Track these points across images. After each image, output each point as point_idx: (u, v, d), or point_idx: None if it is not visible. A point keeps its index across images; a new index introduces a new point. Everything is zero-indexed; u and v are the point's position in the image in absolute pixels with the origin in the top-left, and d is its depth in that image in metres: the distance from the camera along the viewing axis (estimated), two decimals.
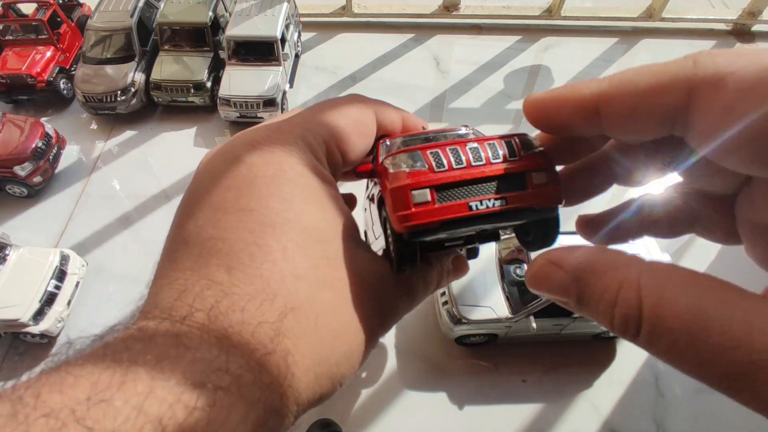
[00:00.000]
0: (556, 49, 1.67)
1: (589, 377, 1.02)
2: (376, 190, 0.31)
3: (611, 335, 1.04)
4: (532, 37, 1.69)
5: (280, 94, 1.40)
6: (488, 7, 1.71)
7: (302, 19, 1.64)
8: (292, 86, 1.51)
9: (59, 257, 1.09)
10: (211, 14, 1.46)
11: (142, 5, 1.48)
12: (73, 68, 1.53)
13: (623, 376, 1.02)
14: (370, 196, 0.35)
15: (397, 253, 0.27)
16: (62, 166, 1.36)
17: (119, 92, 1.40)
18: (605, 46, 1.66)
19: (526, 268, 0.98)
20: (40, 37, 1.49)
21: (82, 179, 1.35)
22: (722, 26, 1.69)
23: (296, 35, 1.58)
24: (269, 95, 1.38)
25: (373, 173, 0.31)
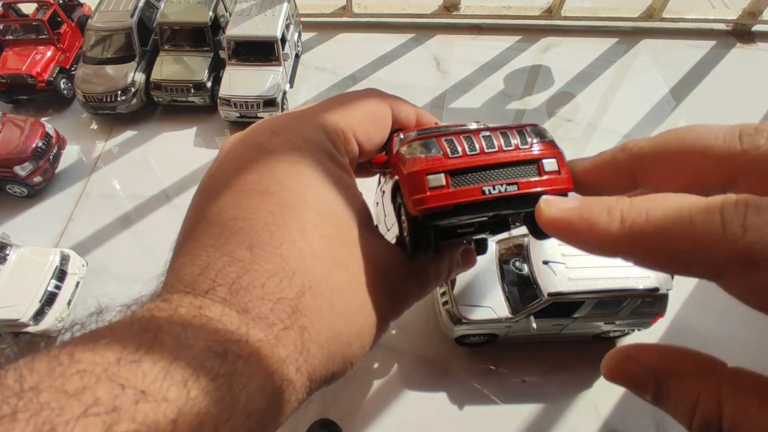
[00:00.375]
0: (556, 49, 1.66)
1: (589, 377, 1.02)
2: (388, 184, 0.32)
3: (611, 335, 1.04)
4: (532, 37, 1.69)
5: (280, 94, 1.40)
6: (488, 7, 1.71)
7: (302, 19, 1.64)
8: (292, 86, 1.51)
9: (59, 257, 1.09)
10: (211, 14, 1.46)
11: (142, 5, 1.48)
12: (73, 68, 1.53)
13: None
14: (382, 189, 0.36)
15: (411, 236, 0.28)
16: (62, 166, 1.36)
17: (119, 92, 1.40)
18: (605, 46, 1.66)
19: (525, 266, 0.98)
20: (40, 37, 1.49)
21: (82, 179, 1.35)
22: (722, 26, 1.69)
23: (296, 35, 1.58)
24: (269, 95, 1.38)
25: (387, 165, 0.32)
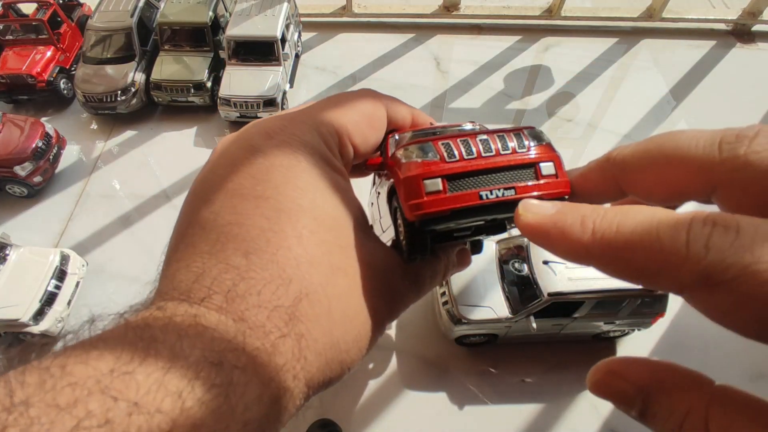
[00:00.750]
0: (556, 49, 1.66)
1: None
2: (384, 185, 0.31)
3: (611, 335, 1.04)
4: (532, 37, 1.69)
5: (280, 94, 1.40)
6: (488, 7, 1.71)
7: (302, 19, 1.64)
8: (292, 86, 1.51)
9: (59, 257, 1.09)
10: (211, 14, 1.46)
11: (142, 5, 1.48)
12: (73, 68, 1.53)
13: None
14: (377, 190, 0.36)
15: (408, 241, 0.28)
16: (62, 166, 1.36)
17: (119, 92, 1.40)
18: (605, 46, 1.66)
19: (525, 266, 0.98)
20: (40, 37, 1.49)
21: (82, 179, 1.35)
22: (722, 26, 1.69)
23: (296, 35, 1.58)
24: (269, 95, 1.38)
25: (382, 166, 0.31)
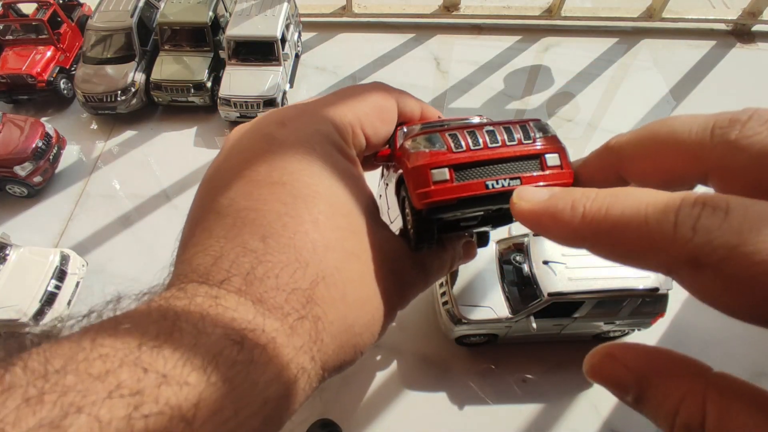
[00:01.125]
0: (556, 49, 1.66)
1: None
2: (392, 176, 0.32)
3: (611, 335, 1.04)
4: (532, 37, 1.69)
5: (280, 94, 1.40)
6: (488, 7, 1.71)
7: (302, 19, 1.64)
8: (292, 86, 1.51)
9: (59, 257, 1.09)
10: (211, 14, 1.46)
11: (142, 5, 1.48)
12: (73, 68, 1.53)
13: None
14: (385, 182, 0.37)
15: (415, 229, 0.28)
16: (62, 166, 1.36)
17: (119, 92, 1.40)
18: (605, 46, 1.66)
19: (525, 265, 0.98)
20: (40, 37, 1.49)
21: (82, 179, 1.35)
22: (722, 26, 1.69)
23: (296, 35, 1.58)
24: (269, 95, 1.38)
25: (391, 158, 0.32)
